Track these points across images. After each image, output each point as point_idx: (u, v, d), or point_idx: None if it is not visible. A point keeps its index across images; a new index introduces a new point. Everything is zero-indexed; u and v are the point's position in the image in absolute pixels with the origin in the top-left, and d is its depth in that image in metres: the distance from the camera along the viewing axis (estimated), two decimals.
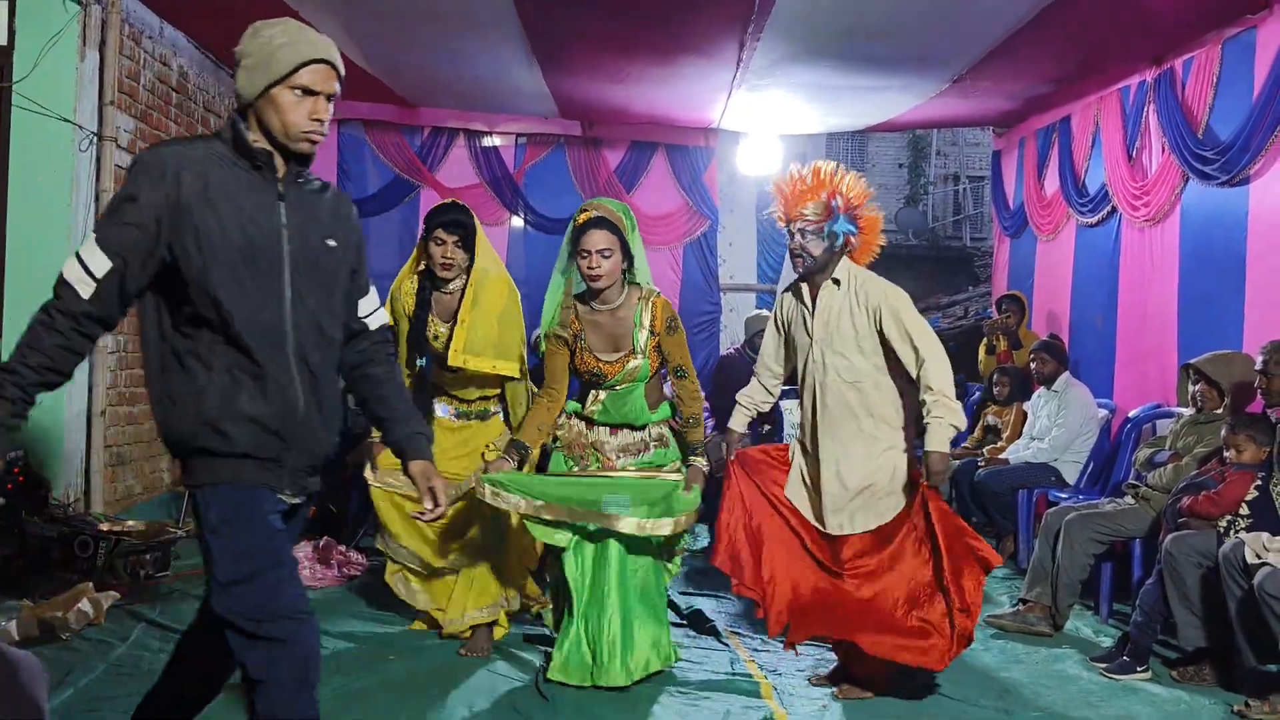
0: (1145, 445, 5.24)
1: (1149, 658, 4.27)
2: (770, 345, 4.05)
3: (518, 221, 8.70)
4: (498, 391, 4.35)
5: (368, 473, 4.27)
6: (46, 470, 5.27)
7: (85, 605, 4.18)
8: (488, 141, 8.66)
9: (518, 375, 4.26)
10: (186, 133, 6.63)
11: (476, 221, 4.17)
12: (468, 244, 4.09)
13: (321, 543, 5.50)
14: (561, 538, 3.88)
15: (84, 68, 5.44)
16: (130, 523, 5.17)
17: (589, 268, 3.77)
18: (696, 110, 7.89)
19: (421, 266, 4.20)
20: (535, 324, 8.44)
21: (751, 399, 4.08)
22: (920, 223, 17.93)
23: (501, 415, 4.37)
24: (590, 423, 4.03)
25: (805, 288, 3.85)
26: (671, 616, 4.40)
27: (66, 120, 5.37)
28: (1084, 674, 4.28)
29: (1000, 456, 6.48)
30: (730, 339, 9.02)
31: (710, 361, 8.35)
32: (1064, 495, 5.74)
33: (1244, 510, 4.12)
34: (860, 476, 3.74)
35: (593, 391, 3.98)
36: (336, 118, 8.36)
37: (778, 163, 8.77)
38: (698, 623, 4.70)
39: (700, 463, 3.96)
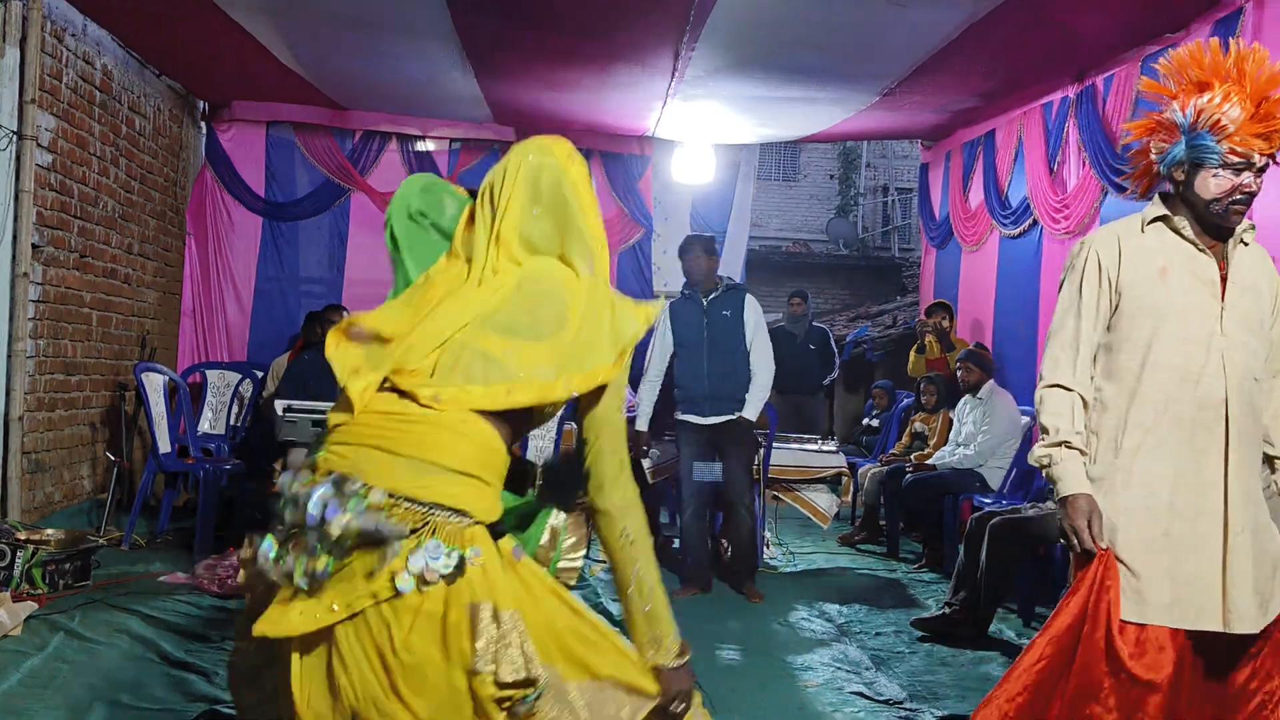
0: None
1: None
2: (1088, 321, 2.55)
3: None
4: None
5: None
6: None
7: (1, 615, 4.07)
8: (421, 146, 8.58)
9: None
10: (110, 133, 6.49)
11: None
12: None
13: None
14: None
15: (4, 65, 5.29)
16: (49, 531, 5.04)
17: None
18: (632, 118, 7.92)
19: None
20: None
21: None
22: (850, 233, 18.17)
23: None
24: None
25: (1196, 234, 2.53)
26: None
27: None
28: None
29: (927, 463, 6.61)
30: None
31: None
32: (988, 500, 5.86)
33: None
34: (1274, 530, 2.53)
35: None
36: (265, 119, 8.30)
37: (711, 172, 8.83)
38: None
39: None
